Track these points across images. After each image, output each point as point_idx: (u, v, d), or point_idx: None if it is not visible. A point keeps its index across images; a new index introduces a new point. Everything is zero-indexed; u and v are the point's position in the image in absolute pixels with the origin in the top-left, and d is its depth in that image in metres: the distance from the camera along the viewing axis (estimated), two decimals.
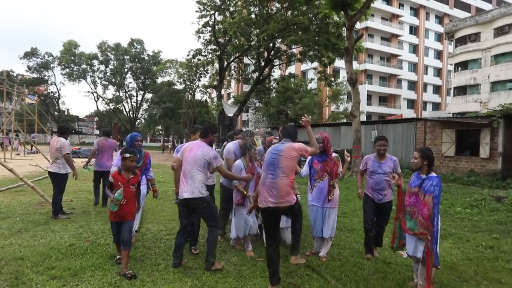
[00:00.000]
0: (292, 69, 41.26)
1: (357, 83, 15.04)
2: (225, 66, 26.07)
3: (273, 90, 31.90)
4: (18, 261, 4.01)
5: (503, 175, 12.16)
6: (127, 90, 50.61)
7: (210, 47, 26.34)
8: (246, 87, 40.04)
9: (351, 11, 14.20)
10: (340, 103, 36.07)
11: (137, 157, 3.91)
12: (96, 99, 51.30)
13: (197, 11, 23.36)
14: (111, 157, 7.40)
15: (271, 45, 22.08)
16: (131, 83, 50.66)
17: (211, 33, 24.40)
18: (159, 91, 45.02)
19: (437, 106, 51.62)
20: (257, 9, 21.82)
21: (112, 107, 52.40)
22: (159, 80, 48.57)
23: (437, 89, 51.88)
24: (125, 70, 48.85)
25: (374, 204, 4.53)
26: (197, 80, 35.53)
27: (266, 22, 20.14)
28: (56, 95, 52.78)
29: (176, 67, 43.94)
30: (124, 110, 52.37)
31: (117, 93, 50.83)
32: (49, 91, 53.27)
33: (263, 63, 24.06)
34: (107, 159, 7.37)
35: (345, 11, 14.19)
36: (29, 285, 3.44)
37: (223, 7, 22.92)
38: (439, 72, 51.86)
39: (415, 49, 49.49)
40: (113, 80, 49.15)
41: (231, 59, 26.20)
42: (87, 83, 49.48)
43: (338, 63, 25.69)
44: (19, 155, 22.37)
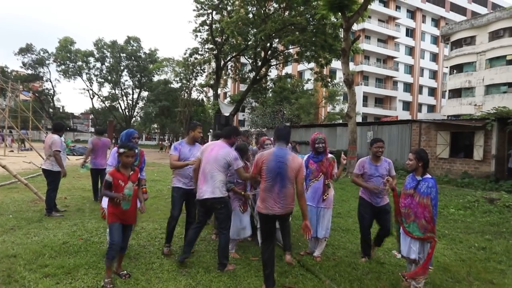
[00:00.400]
0: (288, 69, 41.32)
1: (353, 84, 15.10)
2: (222, 65, 26.03)
3: (270, 90, 31.93)
4: (10, 258, 3.98)
5: (496, 177, 12.29)
6: (123, 88, 50.42)
7: (207, 46, 26.29)
8: (242, 87, 40.04)
9: (348, 12, 14.26)
10: (336, 104, 36.20)
11: (133, 152, 3.61)
12: (91, 97, 51.08)
13: (194, 10, 23.32)
14: (105, 155, 7.44)
15: (268, 45, 22.07)
16: (127, 81, 50.53)
17: (208, 32, 24.34)
18: (155, 89, 44.89)
19: (432, 108, 51.97)
20: (255, 8, 21.81)
21: (107, 105, 52.14)
22: (156, 78, 48.47)
23: (433, 91, 52.24)
24: (121, 67, 48.63)
25: (372, 208, 4.41)
26: (193, 79, 35.52)
27: (263, 22, 20.13)
28: (51, 92, 52.49)
29: (172, 65, 43.86)
30: (119, 108, 52.16)
31: (113, 91, 50.63)
32: (44, 88, 52.90)
33: (260, 63, 24.05)
34: (102, 158, 7.42)
35: (343, 12, 14.24)
36: (22, 283, 3.41)
37: (220, 6, 22.88)
38: (434, 74, 52.22)
39: (411, 51, 49.78)
40: (109, 77, 48.91)
41: (228, 58, 26.15)
42: (83, 80, 49.28)
43: (334, 64, 25.77)
44: (13, 152, 22.18)
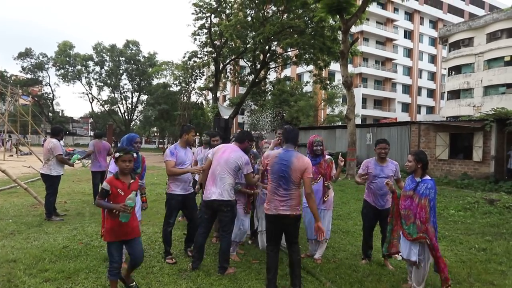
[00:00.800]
0: (287, 72, 41.42)
1: (352, 86, 15.14)
2: (221, 68, 26.05)
3: (269, 92, 31.97)
4: (10, 263, 3.98)
5: (496, 178, 12.31)
6: (122, 91, 50.47)
7: (206, 49, 26.31)
8: (241, 90, 40.07)
9: (347, 15, 14.32)
10: (335, 106, 36.27)
11: (130, 156, 3.22)
12: (91, 101, 51.09)
13: (193, 13, 23.33)
14: (106, 158, 7.55)
15: (267, 47, 22.11)
16: (126, 84, 50.57)
17: (207, 35, 24.37)
18: (154, 92, 44.93)
19: (431, 109, 52.08)
20: (253, 12, 21.86)
21: (107, 109, 52.15)
22: (155, 81, 48.54)
23: (431, 93, 52.37)
24: (121, 71, 48.71)
25: (375, 211, 4.35)
26: (192, 82, 35.45)
27: (262, 25, 20.18)
28: (50, 96, 52.48)
29: (171, 69, 43.89)
30: (119, 111, 52.16)
31: (112, 95, 50.66)
32: (43, 92, 52.92)
33: (258, 66, 24.08)
34: (104, 160, 7.54)
35: (341, 15, 14.31)
36: (22, 287, 3.40)
37: (219, 9, 22.92)
38: (433, 76, 52.37)
39: (409, 53, 49.95)
40: (108, 81, 48.96)
41: (227, 62, 26.18)
42: (82, 84, 49.34)
43: (333, 66, 25.83)
44: (12, 156, 22.16)
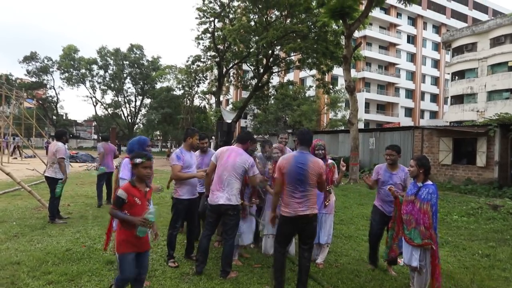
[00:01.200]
0: (290, 76, 41.50)
1: (355, 91, 15.15)
2: (224, 72, 26.15)
3: (272, 97, 32.03)
4: (14, 265, 4.00)
5: (500, 184, 12.22)
6: (126, 95, 50.73)
7: (209, 54, 26.44)
8: (244, 94, 40.19)
9: (350, 20, 14.37)
10: (338, 110, 36.24)
11: (151, 162, 3.07)
12: (94, 104, 51.40)
13: (196, 18, 23.49)
14: (113, 159, 8.09)
15: (270, 52, 22.19)
16: (130, 88, 50.84)
17: (210, 40, 24.50)
18: (157, 96, 45.13)
19: (434, 114, 51.95)
20: (257, 16, 21.98)
21: (110, 112, 52.42)
22: (158, 85, 48.72)
23: (435, 98, 52.26)
24: (124, 75, 48.98)
25: (383, 217, 4.32)
26: (196, 86, 35.65)
27: (265, 29, 20.28)
28: (54, 99, 52.86)
29: (175, 73, 44.11)
30: (122, 115, 52.44)
31: (116, 98, 50.95)
32: (47, 95, 53.29)
33: (262, 70, 24.16)
34: (111, 161, 8.01)
35: (344, 19, 14.35)
36: None
37: (222, 14, 23.07)
38: (436, 80, 52.29)
39: (412, 58, 49.93)
40: (112, 85, 49.26)
41: (230, 66, 26.28)
42: (86, 88, 49.67)
43: (336, 70, 25.85)
44: (16, 159, 22.29)
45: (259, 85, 24.86)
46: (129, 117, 51.56)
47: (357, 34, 27.07)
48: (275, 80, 34.07)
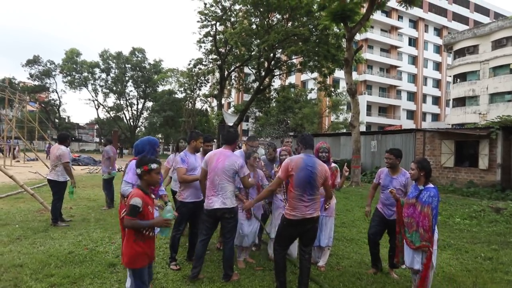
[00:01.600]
0: (292, 79, 41.60)
1: (356, 93, 15.15)
2: (225, 75, 26.24)
3: (273, 99, 32.08)
4: (17, 268, 4.02)
5: (502, 187, 12.18)
6: (127, 98, 50.86)
7: (211, 57, 26.56)
8: (246, 97, 40.23)
9: (351, 23, 14.40)
10: (339, 113, 36.24)
11: (160, 167, 2.97)
12: (96, 107, 51.52)
13: (198, 21, 23.62)
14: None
15: (272, 55, 22.27)
16: (132, 91, 50.99)
17: (212, 43, 24.60)
18: (159, 99, 45.26)
19: (436, 117, 51.84)
20: (258, 20, 22.08)
21: (112, 115, 52.55)
22: (160, 88, 48.90)
23: (436, 100, 52.19)
24: (126, 78, 49.15)
25: (382, 219, 4.32)
26: (197, 89, 35.73)
27: (266, 32, 20.37)
28: (57, 102, 53.06)
29: (177, 76, 44.24)
30: (124, 118, 52.54)
31: (118, 101, 51.07)
32: (50, 99, 53.54)
33: (263, 73, 24.24)
34: (115, 164, 8.27)
35: (345, 23, 14.39)
36: None
37: (224, 17, 23.18)
38: (438, 83, 52.24)
39: (414, 60, 49.93)
40: (114, 88, 49.42)
41: (232, 69, 26.37)
42: (88, 91, 49.79)
43: (338, 73, 25.91)
44: (19, 162, 22.37)
45: (260, 88, 24.93)
46: (131, 120, 51.69)
47: (358, 37, 27.08)
48: (277, 83, 34.14)
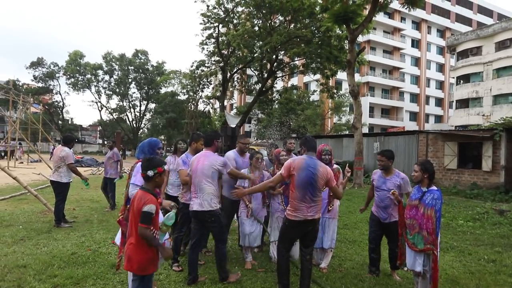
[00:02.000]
0: (294, 81, 41.56)
1: (359, 95, 15.14)
2: (228, 77, 26.26)
3: (276, 101, 32.07)
4: (20, 269, 4.05)
5: (506, 189, 12.10)
6: (130, 100, 51.03)
7: (213, 59, 26.58)
8: (249, 98, 40.30)
9: (353, 24, 14.40)
10: (342, 115, 36.21)
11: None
12: (100, 109, 51.71)
13: (201, 23, 23.64)
14: None
15: (274, 57, 22.27)
16: (134, 93, 51.13)
17: (214, 45, 24.64)
18: (162, 101, 45.37)
19: (439, 118, 51.66)
20: (261, 21, 22.10)
21: (115, 117, 52.74)
22: (163, 90, 49.02)
23: (439, 102, 52.02)
24: (129, 80, 49.33)
25: (379, 223, 4.28)
26: (200, 90, 35.81)
27: (269, 34, 20.38)
28: (60, 104, 53.29)
29: (179, 77, 44.39)
30: (127, 119, 52.71)
31: (121, 103, 51.25)
32: (53, 100, 53.78)
33: (266, 75, 24.25)
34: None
35: (347, 24, 14.39)
36: None
37: (227, 19, 23.22)
38: (441, 85, 52.08)
39: (417, 62, 49.82)
40: (117, 90, 49.61)
41: (234, 71, 26.40)
42: (91, 93, 50.14)
43: (340, 75, 25.86)
44: (23, 163, 22.49)
45: (263, 90, 24.94)
46: (134, 122, 51.86)
47: (361, 38, 27.11)
48: (279, 84, 34.12)
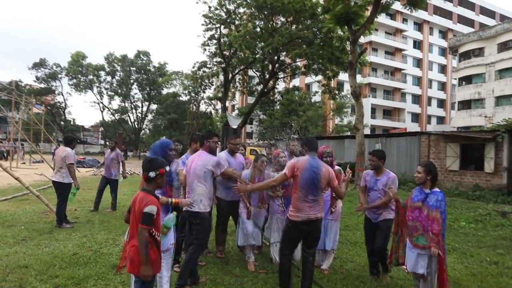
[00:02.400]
0: (296, 82, 41.55)
1: (360, 96, 15.12)
2: (230, 78, 26.29)
3: (277, 102, 32.07)
4: (22, 269, 4.06)
5: (508, 190, 12.05)
6: (132, 101, 51.15)
7: (215, 60, 26.63)
8: (250, 99, 40.33)
9: (355, 25, 14.39)
10: (344, 116, 36.17)
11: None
12: (101, 110, 51.84)
13: (203, 24, 23.70)
14: None
15: (276, 58, 22.30)
16: (136, 94, 51.24)
17: (216, 46, 24.69)
18: (164, 102, 45.44)
19: (441, 120, 51.54)
20: (262, 23, 22.14)
21: (117, 118, 52.85)
22: (164, 91, 49.09)
23: (442, 103, 51.89)
24: (131, 81, 49.45)
25: (370, 224, 4.27)
26: (202, 91, 35.88)
27: (271, 35, 20.41)
28: (62, 105, 53.44)
29: (181, 78, 44.43)
30: (129, 120, 52.83)
31: (123, 104, 51.36)
32: (56, 101, 53.94)
33: (267, 76, 24.27)
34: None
35: (349, 25, 14.38)
36: None
37: (228, 20, 23.26)
38: (443, 86, 51.96)
39: (419, 63, 49.73)
40: (119, 91, 49.74)
41: (236, 72, 26.42)
42: (94, 94, 50.13)
43: (342, 76, 25.87)
44: (25, 163, 22.56)
45: (264, 91, 24.96)
46: (136, 123, 51.96)
47: (362, 39, 27.07)
48: (281, 85, 34.13)
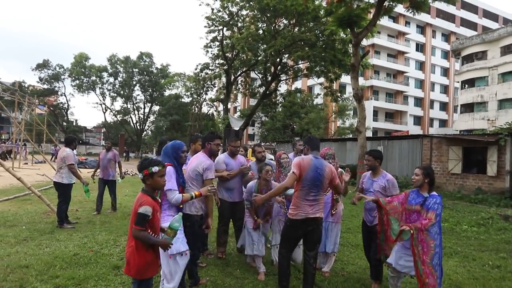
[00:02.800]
0: (298, 84, 41.56)
1: (363, 99, 15.09)
2: (232, 80, 26.34)
3: (279, 104, 32.10)
4: (23, 269, 4.06)
5: (511, 194, 12.00)
6: (135, 102, 51.26)
7: (217, 61, 26.70)
8: (252, 101, 40.33)
9: (357, 28, 14.39)
10: (346, 118, 36.14)
11: (165, 170, 2.83)
12: (104, 111, 51.95)
13: (205, 26, 23.80)
14: None
15: (278, 60, 22.33)
16: (139, 95, 51.33)
17: (219, 48, 24.75)
18: (166, 103, 45.54)
19: (444, 123, 51.40)
20: (265, 25, 22.18)
21: (119, 119, 52.98)
22: (167, 93, 49.21)
23: (444, 106, 51.76)
24: (134, 82, 49.58)
25: (366, 227, 4.21)
26: (204, 93, 35.96)
27: (273, 38, 20.44)
28: (65, 106, 53.63)
29: (183, 80, 44.54)
30: (131, 121, 52.92)
31: (125, 105, 51.47)
32: (58, 102, 54.13)
33: (269, 78, 24.30)
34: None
35: (351, 28, 14.38)
36: None
37: (231, 22, 23.32)
38: (445, 89, 51.84)
39: (421, 66, 49.67)
40: (122, 92, 49.87)
41: (238, 73, 26.48)
42: (96, 95, 50.22)
43: (344, 78, 25.84)
44: (27, 164, 22.62)
45: (267, 93, 24.98)
46: (138, 124, 52.05)
47: (365, 42, 27.06)
48: (283, 88, 34.15)
